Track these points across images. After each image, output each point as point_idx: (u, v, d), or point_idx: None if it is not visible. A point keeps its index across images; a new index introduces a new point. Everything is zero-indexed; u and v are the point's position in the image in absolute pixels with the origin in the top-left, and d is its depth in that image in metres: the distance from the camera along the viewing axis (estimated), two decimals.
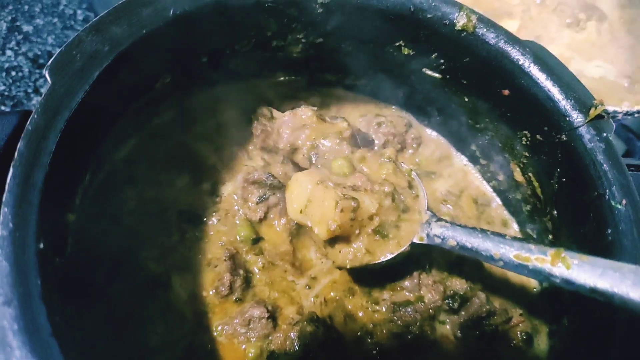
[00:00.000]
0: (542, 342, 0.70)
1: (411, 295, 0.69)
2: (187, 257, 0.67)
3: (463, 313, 0.68)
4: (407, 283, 0.70)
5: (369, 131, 0.82)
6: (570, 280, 0.52)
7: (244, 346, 0.63)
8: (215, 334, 0.63)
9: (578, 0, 1.09)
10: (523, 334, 0.69)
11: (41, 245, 0.44)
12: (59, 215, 0.50)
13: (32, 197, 0.45)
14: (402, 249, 0.65)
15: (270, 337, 0.63)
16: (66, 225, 0.52)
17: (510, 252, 0.57)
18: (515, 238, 0.59)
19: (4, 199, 0.43)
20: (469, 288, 0.69)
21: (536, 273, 0.55)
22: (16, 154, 0.45)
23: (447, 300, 0.69)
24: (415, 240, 0.65)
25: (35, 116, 0.47)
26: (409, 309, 0.67)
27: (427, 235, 0.64)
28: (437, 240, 0.64)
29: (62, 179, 0.50)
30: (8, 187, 0.44)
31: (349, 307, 0.68)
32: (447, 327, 0.69)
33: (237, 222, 0.70)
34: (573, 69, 0.79)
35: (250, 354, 0.63)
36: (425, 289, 0.69)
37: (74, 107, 0.50)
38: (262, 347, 0.63)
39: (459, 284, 0.70)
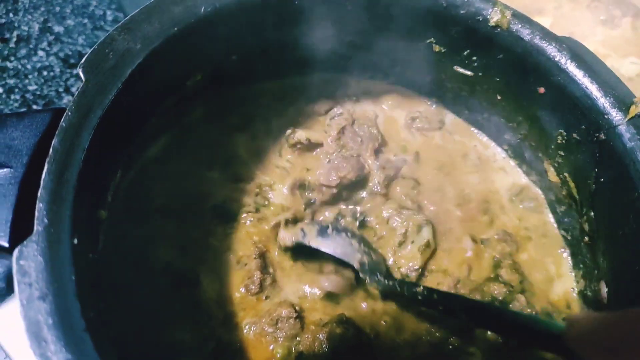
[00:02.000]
0: None
1: None
2: (216, 254, 0.67)
3: None
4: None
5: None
6: None
7: (272, 346, 0.63)
8: (244, 332, 0.63)
9: None
10: None
11: (75, 241, 0.44)
12: (91, 212, 0.50)
13: (66, 194, 0.45)
14: None
15: (298, 338, 0.63)
16: (99, 222, 0.53)
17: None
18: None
19: (38, 194, 0.44)
20: (507, 292, 0.67)
21: None
22: (51, 150, 0.46)
23: None
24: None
25: (69, 114, 0.48)
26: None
27: None
28: None
29: (95, 176, 0.50)
30: (43, 183, 0.44)
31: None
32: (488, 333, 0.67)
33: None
34: (608, 65, 0.77)
35: (278, 354, 0.62)
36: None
37: (107, 104, 0.50)
38: (289, 347, 0.63)
39: (497, 289, 0.69)
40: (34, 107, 1.08)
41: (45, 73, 1.12)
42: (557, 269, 0.74)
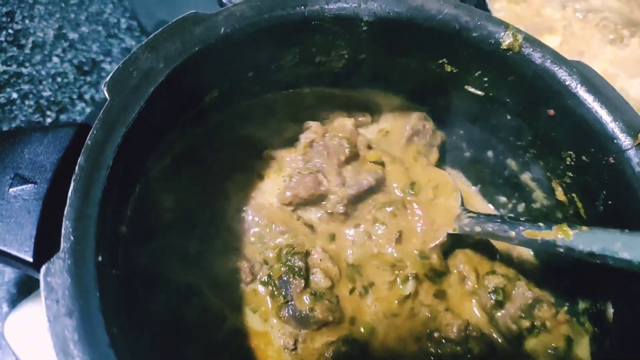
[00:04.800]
0: (582, 351, 0.69)
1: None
2: (223, 264, 0.69)
3: (508, 306, 0.70)
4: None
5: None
6: (571, 247, 0.59)
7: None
8: (256, 343, 0.65)
9: (621, 16, 1.07)
10: (565, 336, 0.69)
11: (100, 258, 0.45)
12: (114, 228, 0.52)
13: (91, 211, 0.46)
14: (437, 241, 0.73)
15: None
16: (119, 237, 0.54)
17: (522, 231, 0.65)
18: (527, 219, 0.67)
19: (65, 212, 0.45)
20: (506, 281, 0.71)
21: (544, 245, 0.63)
22: (77, 168, 0.47)
23: (489, 294, 0.71)
24: (450, 231, 0.73)
25: (95, 132, 0.49)
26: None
27: (459, 226, 0.73)
28: (466, 229, 0.72)
29: (118, 192, 0.51)
30: (69, 201, 0.46)
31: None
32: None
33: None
34: (617, 86, 0.77)
35: None
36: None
37: (130, 122, 0.51)
38: None
39: (495, 280, 0.72)
40: (48, 113, 1.10)
41: (59, 79, 1.14)
42: None
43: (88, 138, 0.49)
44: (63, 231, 0.44)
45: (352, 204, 0.74)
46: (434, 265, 0.72)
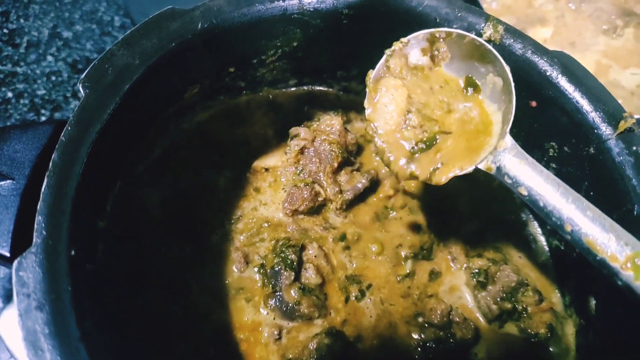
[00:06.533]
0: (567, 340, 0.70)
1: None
2: (213, 258, 0.69)
3: (491, 288, 0.70)
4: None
5: None
6: (634, 290, 0.49)
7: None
8: (241, 336, 0.65)
9: (615, 6, 1.06)
10: (547, 324, 0.69)
11: (72, 252, 0.46)
12: (90, 223, 0.52)
13: (65, 206, 0.47)
14: (462, 172, 0.59)
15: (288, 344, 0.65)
16: (97, 232, 0.55)
17: (585, 235, 0.51)
18: (599, 215, 0.52)
19: (38, 207, 0.46)
20: (491, 264, 0.71)
21: (600, 265, 0.51)
22: (50, 164, 0.48)
23: (471, 275, 0.72)
24: (481, 167, 0.58)
25: (69, 128, 0.50)
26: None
27: (498, 168, 0.57)
28: (507, 180, 0.57)
29: (94, 187, 0.52)
30: (42, 197, 0.46)
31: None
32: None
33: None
34: (610, 77, 0.76)
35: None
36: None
37: (105, 118, 0.52)
38: (281, 353, 0.65)
39: (480, 262, 0.72)
40: (42, 111, 1.10)
41: (53, 78, 1.15)
42: None
43: (62, 135, 0.49)
44: (36, 226, 0.45)
45: (349, 206, 0.76)
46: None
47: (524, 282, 0.69)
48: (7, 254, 0.49)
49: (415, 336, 0.68)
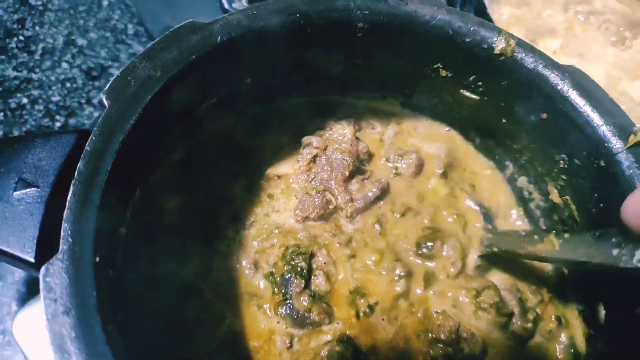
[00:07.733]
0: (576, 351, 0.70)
1: None
2: (226, 264, 0.71)
3: (495, 299, 0.71)
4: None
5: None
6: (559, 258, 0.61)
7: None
8: (255, 344, 0.66)
9: (624, 18, 1.07)
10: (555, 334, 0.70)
11: (97, 259, 0.47)
12: (113, 230, 0.54)
13: (90, 214, 0.48)
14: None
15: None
16: (118, 239, 0.56)
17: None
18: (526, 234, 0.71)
19: (64, 215, 0.47)
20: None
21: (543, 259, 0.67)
22: (76, 173, 0.49)
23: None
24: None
25: (94, 138, 0.51)
26: None
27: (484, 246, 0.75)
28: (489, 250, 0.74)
29: (117, 195, 0.53)
30: (68, 204, 0.48)
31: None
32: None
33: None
34: (620, 89, 0.77)
35: None
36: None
37: (128, 129, 0.53)
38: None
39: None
40: (57, 117, 1.12)
41: (68, 85, 1.17)
42: None
43: (87, 144, 0.51)
44: (62, 233, 0.46)
45: (359, 214, 0.77)
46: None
47: (530, 292, 0.70)
48: (32, 260, 0.51)
49: (424, 351, 0.69)
